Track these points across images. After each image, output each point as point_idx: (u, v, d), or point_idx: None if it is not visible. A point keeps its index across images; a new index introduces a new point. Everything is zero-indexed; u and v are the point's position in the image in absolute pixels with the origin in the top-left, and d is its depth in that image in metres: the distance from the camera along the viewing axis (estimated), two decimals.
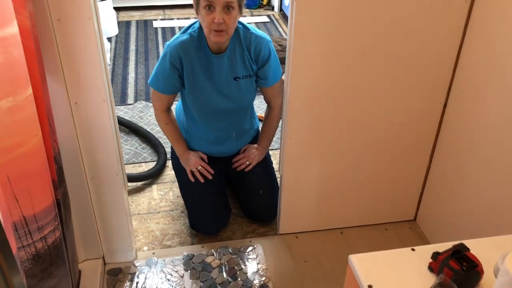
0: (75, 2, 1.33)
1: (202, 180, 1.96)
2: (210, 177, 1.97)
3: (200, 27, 1.75)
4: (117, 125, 1.65)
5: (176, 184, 2.21)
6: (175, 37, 1.80)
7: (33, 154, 1.15)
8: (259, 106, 2.88)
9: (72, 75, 1.44)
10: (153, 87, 1.85)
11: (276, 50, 3.40)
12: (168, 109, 1.93)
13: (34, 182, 1.17)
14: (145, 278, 1.83)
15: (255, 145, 2.05)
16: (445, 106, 1.81)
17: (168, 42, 1.79)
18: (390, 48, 1.65)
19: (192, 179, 1.97)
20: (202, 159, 1.98)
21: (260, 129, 2.08)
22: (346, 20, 1.56)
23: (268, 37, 1.83)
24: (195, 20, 1.79)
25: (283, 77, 1.84)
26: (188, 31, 1.79)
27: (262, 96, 1.98)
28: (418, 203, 2.09)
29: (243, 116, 1.97)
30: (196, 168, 1.96)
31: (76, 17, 1.34)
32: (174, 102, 2.01)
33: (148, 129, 2.75)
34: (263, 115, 2.03)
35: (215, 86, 1.81)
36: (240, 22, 1.79)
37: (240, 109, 1.93)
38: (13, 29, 1.01)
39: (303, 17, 1.53)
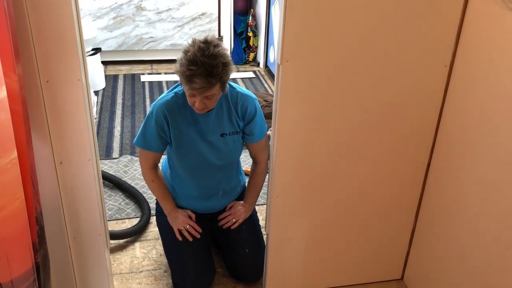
0: (65, 64, 1.34)
1: (190, 239, 1.92)
2: (198, 236, 1.93)
3: None
4: (102, 184, 1.63)
5: (160, 241, 2.17)
6: (161, 96, 1.83)
7: (14, 217, 1.13)
8: (245, 160, 2.88)
9: (58, 135, 1.44)
10: (138, 145, 1.85)
11: (262, 106, 3.50)
12: (155, 167, 1.93)
13: (13, 247, 1.14)
14: None
15: (241, 202, 2.03)
16: (428, 165, 1.84)
17: (154, 102, 1.82)
18: (374, 110, 1.69)
19: (180, 238, 1.93)
20: (190, 217, 1.96)
21: (246, 185, 2.07)
22: (330, 84, 1.60)
23: (253, 95, 1.87)
24: None
25: (269, 132, 1.86)
26: (174, 90, 1.82)
27: (247, 151, 1.99)
28: (405, 262, 2.07)
29: (229, 173, 1.97)
30: (184, 227, 1.93)
31: (65, 78, 1.36)
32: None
33: (132, 184, 2.72)
34: (250, 170, 2.03)
35: (202, 136, 1.83)
36: None
37: (227, 166, 1.93)
38: (1, 93, 1.01)
39: (289, 81, 1.56)
